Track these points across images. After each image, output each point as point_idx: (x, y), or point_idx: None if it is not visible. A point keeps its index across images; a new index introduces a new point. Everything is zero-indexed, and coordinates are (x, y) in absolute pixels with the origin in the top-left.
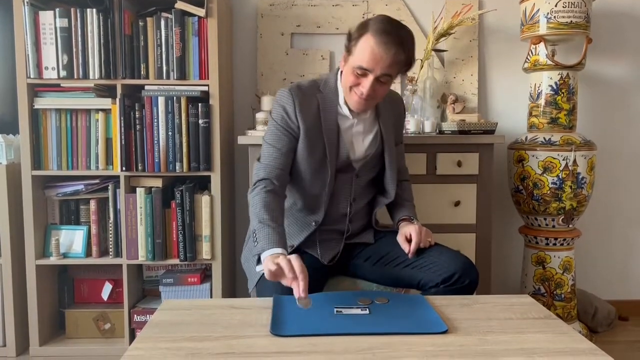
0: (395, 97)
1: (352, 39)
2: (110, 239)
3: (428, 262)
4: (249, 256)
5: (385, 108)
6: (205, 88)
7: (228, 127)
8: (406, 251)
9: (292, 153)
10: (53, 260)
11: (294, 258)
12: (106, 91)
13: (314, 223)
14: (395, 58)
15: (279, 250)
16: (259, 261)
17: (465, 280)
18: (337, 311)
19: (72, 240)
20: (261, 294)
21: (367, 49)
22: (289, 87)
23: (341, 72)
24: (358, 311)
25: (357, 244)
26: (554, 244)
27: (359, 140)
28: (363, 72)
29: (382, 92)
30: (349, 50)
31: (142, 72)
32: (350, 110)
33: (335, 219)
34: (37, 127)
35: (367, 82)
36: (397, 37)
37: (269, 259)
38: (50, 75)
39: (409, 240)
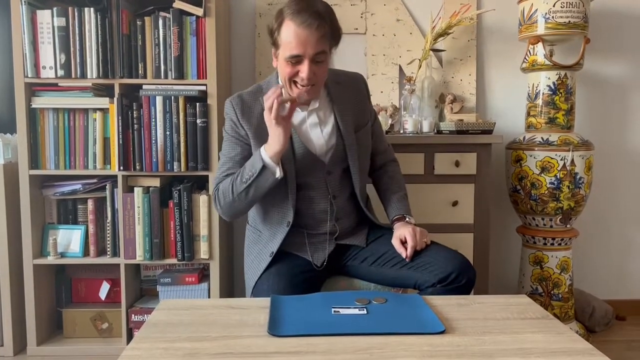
0: (352, 77)
1: (273, 31)
2: (108, 239)
3: (425, 261)
4: (247, 266)
5: (340, 91)
6: (203, 87)
7: None
8: (403, 256)
9: (245, 159)
10: (50, 259)
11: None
12: (104, 90)
13: (286, 224)
14: (319, 32)
15: (262, 151)
16: (268, 172)
17: (463, 279)
18: (334, 311)
19: (69, 240)
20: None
21: (290, 35)
22: (231, 97)
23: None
24: (355, 311)
25: (350, 246)
26: (552, 244)
27: (317, 133)
28: (297, 60)
29: (322, 73)
30: (275, 44)
31: (140, 72)
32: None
33: (319, 219)
34: (34, 127)
35: (304, 67)
36: (313, 12)
37: (266, 151)
38: (47, 74)
39: (405, 243)
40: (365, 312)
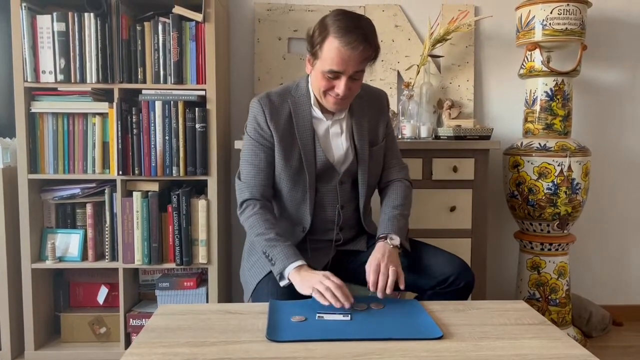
0: (375, 93)
1: (314, 42)
2: (107, 243)
3: (423, 265)
4: (246, 270)
5: (361, 106)
6: (203, 92)
7: (225, 131)
8: (369, 285)
9: (271, 166)
10: (49, 263)
11: (327, 274)
12: (103, 95)
13: (301, 231)
14: (363, 54)
15: (299, 262)
16: (280, 278)
17: (461, 282)
18: (318, 317)
19: (68, 244)
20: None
21: (333, 51)
22: (259, 97)
23: (308, 75)
24: (340, 317)
25: (350, 251)
26: (549, 249)
27: (337, 143)
28: (335, 75)
29: (357, 88)
30: (314, 54)
31: (139, 77)
32: (323, 111)
33: (324, 228)
34: (33, 131)
35: (341, 83)
36: (360, 33)
37: (295, 273)
38: (47, 79)
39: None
40: (349, 318)
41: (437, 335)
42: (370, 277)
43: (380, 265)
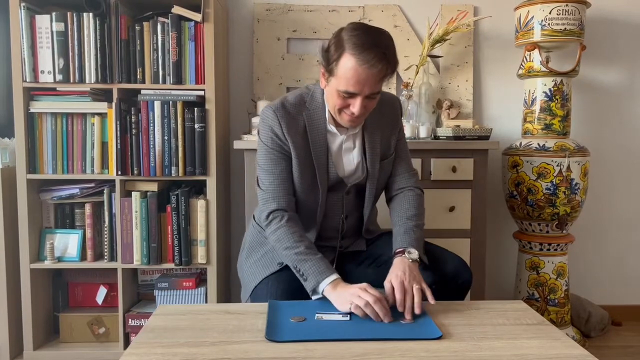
0: (388, 101)
1: (330, 59)
2: (105, 243)
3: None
4: (243, 265)
5: (374, 118)
6: (202, 92)
7: (224, 131)
8: (390, 303)
9: (291, 176)
10: (48, 264)
11: (365, 286)
12: (102, 95)
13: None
14: (381, 73)
15: (334, 276)
16: (313, 292)
17: (458, 280)
18: (317, 317)
19: (66, 244)
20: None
21: (349, 71)
22: (274, 106)
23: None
24: (339, 317)
25: (350, 252)
26: (548, 249)
27: (349, 157)
28: (350, 95)
29: (372, 106)
30: (329, 71)
31: (138, 77)
32: (337, 126)
33: (328, 236)
34: (32, 131)
35: (357, 103)
36: (378, 52)
37: (331, 289)
38: (46, 79)
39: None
40: (348, 318)
41: (437, 336)
42: (397, 296)
43: (404, 284)
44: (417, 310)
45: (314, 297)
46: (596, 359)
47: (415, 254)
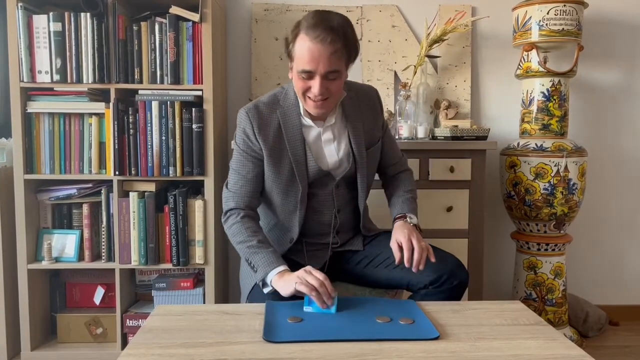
0: (366, 91)
1: (289, 43)
2: (103, 243)
3: None
4: (245, 274)
5: (354, 108)
6: (199, 93)
7: (222, 131)
8: (397, 260)
9: (259, 177)
10: (45, 264)
11: (309, 269)
12: (100, 95)
13: (289, 241)
14: (332, 47)
15: (282, 267)
16: (263, 285)
17: (454, 281)
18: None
19: (64, 245)
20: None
21: (303, 49)
22: (247, 108)
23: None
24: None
25: (346, 251)
26: (546, 250)
27: (331, 149)
28: (308, 75)
29: (336, 88)
30: (290, 56)
31: (136, 77)
32: (314, 119)
33: (321, 232)
34: (29, 131)
35: (315, 83)
36: (327, 27)
37: (277, 279)
38: (43, 79)
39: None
40: (333, 311)
41: (434, 336)
42: (405, 253)
43: (411, 241)
44: (422, 266)
45: (265, 290)
46: (593, 358)
47: (415, 219)
